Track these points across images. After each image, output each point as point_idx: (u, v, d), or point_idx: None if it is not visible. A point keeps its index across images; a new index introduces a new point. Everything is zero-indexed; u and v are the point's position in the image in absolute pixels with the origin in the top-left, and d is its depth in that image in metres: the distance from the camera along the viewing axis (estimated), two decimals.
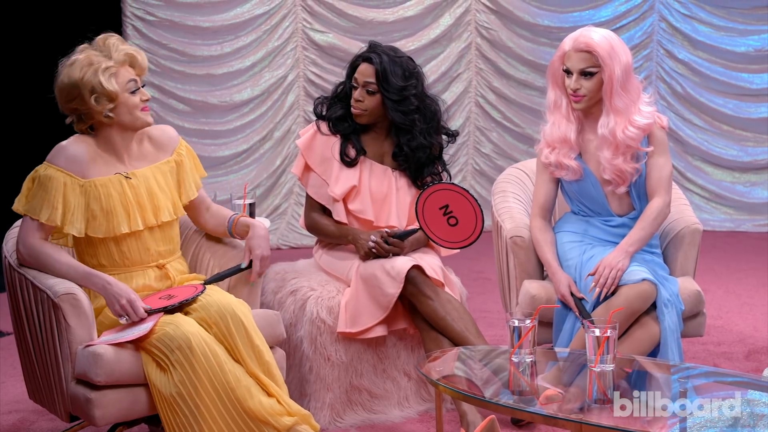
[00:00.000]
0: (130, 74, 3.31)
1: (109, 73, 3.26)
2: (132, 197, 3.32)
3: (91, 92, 3.24)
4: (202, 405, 3.11)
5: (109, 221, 3.29)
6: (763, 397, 2.74)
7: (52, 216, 3.24)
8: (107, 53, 3.29)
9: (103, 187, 3.29)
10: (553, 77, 3.77)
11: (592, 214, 3.84)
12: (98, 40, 3.33)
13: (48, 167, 3.28)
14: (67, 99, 3.29)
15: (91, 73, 3.24)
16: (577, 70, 3.66)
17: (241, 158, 7.11)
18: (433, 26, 7.37)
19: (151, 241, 3.37)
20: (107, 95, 3.25)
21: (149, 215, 3.35)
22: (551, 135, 3.78)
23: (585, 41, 3.65)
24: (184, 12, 6.89)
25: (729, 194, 7.54)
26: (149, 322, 3.18)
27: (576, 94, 3.68)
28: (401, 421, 3.87)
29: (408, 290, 3.74)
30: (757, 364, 4.42)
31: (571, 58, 3.68)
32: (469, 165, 7.57)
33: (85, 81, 3.24)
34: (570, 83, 3.68)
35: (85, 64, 3.26)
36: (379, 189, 3.95)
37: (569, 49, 3.69)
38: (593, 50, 3.64)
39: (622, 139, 3.68)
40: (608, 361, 2.96)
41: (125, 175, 3.34)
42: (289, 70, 7.14)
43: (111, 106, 3.27)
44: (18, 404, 4.04)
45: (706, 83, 7.54)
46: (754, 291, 5.70)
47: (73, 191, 3.26)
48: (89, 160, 3.29)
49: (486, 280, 5.92)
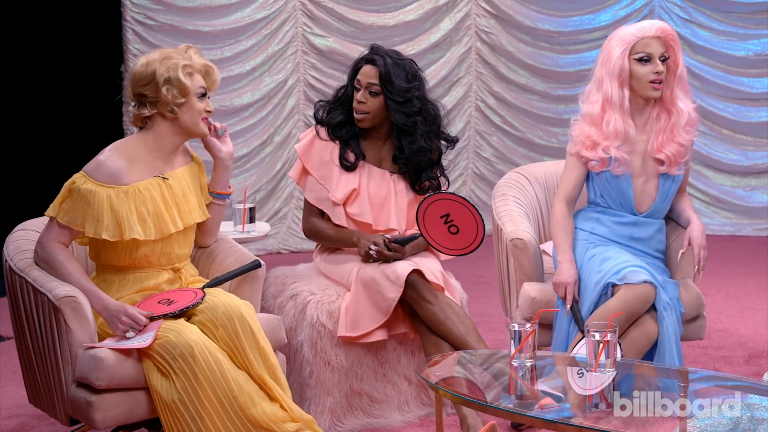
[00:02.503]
0: (202, 81, 3.38)
1: (187, 71, 3.34)
2: (170, 198, 3.37)
3: (166, 81, 3.31)
4: (204, 412, 3.11)
5: (156, 223, 3.32)
6: (763, 401, 2.74)
7: (98, 229, 3.26)
8: (187, 57, 3.37)
9: (146, 190, 3.33)
10: (619, 72, 3.77)
11: (612, 207, 3.85)
12: (179, 47, 3.42)
13: (87, 180, 3.28)
14: (138, 83, 3.34)
15: (172, 65, 3.32)
16: (659, 54, 3.76)
17: (241, 162, 7.11)
18: (433, 30, 7.38)
19: (176, 244, 3.40)
20: (180, 88, 3.31)
21: (187, 215, 3.41)
22: (613, 131, 3.78)
23: (662, 27, 3.80)
24: (185, 16, 6.90)
25: (729, 198, 7.54)
26: (150, 331, 3.17)
27: (660, 78, 3.77)
28: (402, 426, 3.87)
29: (408, 294, 3.74)
30: (758, 368, 4.42)
31: (651, 44, 3.76)
32: (469, 169, 7.57)
33: (162, 71, 3.31)
34: (655, 67, 3.75)
35: (165, 56, 3.34)
36: (378, 193, 3.95)
37: (644, 37, 3.76)
38: (669, 35, 3.80)
39: (695, 118, 3.85)
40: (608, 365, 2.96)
41: (162, 176, 3.37)
42: (289, 75, 7.15)
43: (180, 101, 3.32)
44: (18, 409, 4.04)
45: (706, 87, 7.54)
46: (755, 295, 5.71)
47: (119, 199, 3.28)
48: (127, 169, 3.31)
49: (486, 284, 5.92)
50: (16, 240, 3.47)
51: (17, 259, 3.37)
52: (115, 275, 3.36)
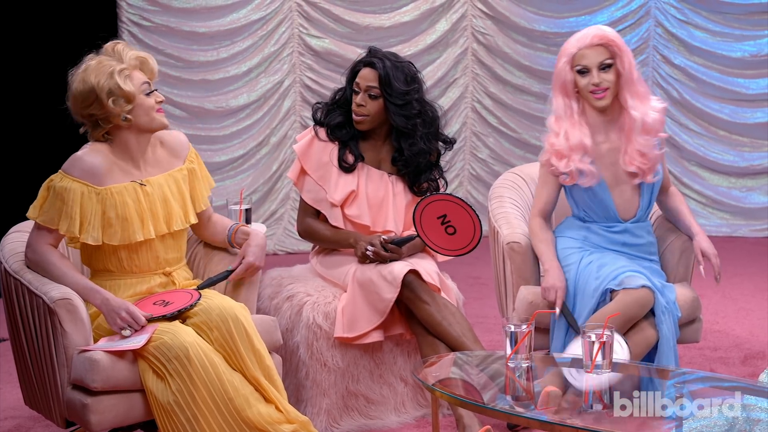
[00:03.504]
0: (142, 77, 3.31)
1: (124, 75, 3.26)
2: (146, 205, 3.33)
3: (109, 95, 3.24)
4: (199, 414, 3.11)
5: (124, 229, 3.29)
6: (759, 402, 2.74)
7: (70, 227, 3.24)
8: (118, 58, 3.30)
9: (119, 195, 3.29)
10: (563, 84, 3.77)
11: (597, 220, 3.83)
12: (106, 47, 3.34)
13: (64, 177, 3.27)
14: (83, 105, 3.28)
15: (107, 76, 3.24)
16: (596, 64, 3.70)
17: (237, 164, 7.11)
18: (430, 32, 7.38)
19: (161, 248, 3.38)
20: (125, 96, 3.25)
21: (161, 223, 3.35)
22: (566, 144, 3.76)
23: (598, 35, 3.71)
24: (181, 17, 6.89)
25: (725, 199, 7.55)
26: (145, 333, 3.17)
27: (599, 88, 3.71)
28: (398, 427, 3.86)
29: (405, 295, 3.74)
30: (754, 369, 4.42)
31: (587, 55, 3.71)
32: (465, 170, 7.57)
33: (101, 84, 3.24)
34: (592, 79, 3.70)
35: (98, 68, 3.26)
36: (376, 194, 3.95)
37: (581, 48, 3.71)
38: (609, 41, 3.70)
39: (652, 123, 3.74)
40: (604, 366, 2.96)
41: (140, 182, 3.34)
42: (286, 76, 7.15)
43: (129, 108, 3.27)
44: (14, 411, 4.04)
45: (702, 88, 7.55)
46: (751, 296, 5.71)
47: (89, 200, 3.26)
48: (105, 170, 3.29)
49: (483, 286, 5.92)
50: (11, 242, 3.46)
51: (12, 261, 3.36)
52: (107, 280, 3.34)
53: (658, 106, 3.78)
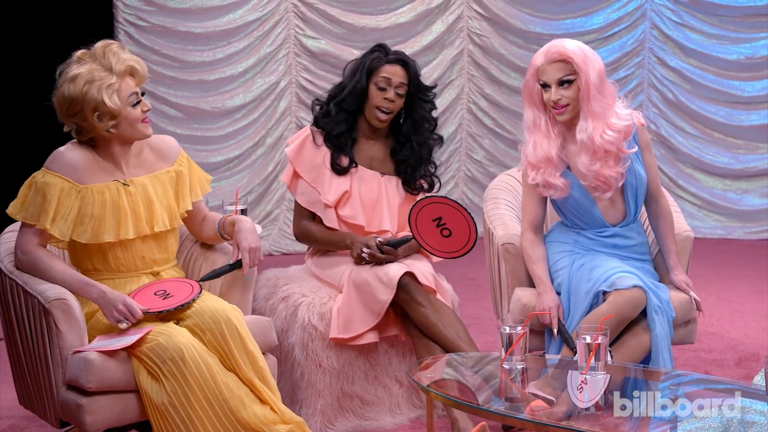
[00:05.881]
0: (131, 87, 3.28)
1: (112, 90, 3.22)
2: (128, 205, 3.31)
3: (94, 110, 3.22)
4: (194, 415, 3.10)
5: (94, 228, 3.27)
6: (754, 404, 2.74)
7: (42, 219, 3.23)
8: (108, 65, 3.24)
9: (99, 193, 3.28)
10: (529, 96, 3.77)
11: (585, 227, 3.83)
12: (98, 49, 3.29)
13: (46, 173, 3.26)
14: (67, 113, 3.27)
15: (94, 90, 3.21)
16: (554, 80, 3.67)
17: (233, 164, 7.11)
18: (426, 33, 7.39)
19: (144, 249, 3.36)
20: (110, 113, 3.23)
21: (143, 224, 3.34)
22: (534, 156, 3.76)
23: (558, 50, 3.67)
24: (177, 18, 6.89)
25: (720, 202, 7.56)
26: (138, 333, 3.16)
27: (558, 105, 3.68)
28: (393, 428, 3.86)
29: (400, 297, 3.74)
30: (748, 371, 4.42)
31: (547, 71, 3.68)
32: (461, 172, 7.58)
33: (88, 98, 3.21)
34: (550, 95, 3.68)
35: (87, 80, 3.21)
36: (370, 194, 3.95)
37: (543, 63, 3.69)
38: (568, 58, 3.65)
39: (600, 144, 3.67)
40: (599, 368, 2.96)
41: (123, 182, 3.33)
42: (282, 77, 7.15)
43: (113, 123, 3.25)
44: (9, 410, 4.03)
45: (697, 91, 7.56)
46: (746, 298, 5.72)
47: (68, 196, 3.25)
48: (87, 167, 3.28)
49: (478, 287, 5.92)
50: (6, 242, 3.46)
51: (7, 261, 3.36)
52: (96, 280, 3.32)
53: (619, 124, 3.68)
